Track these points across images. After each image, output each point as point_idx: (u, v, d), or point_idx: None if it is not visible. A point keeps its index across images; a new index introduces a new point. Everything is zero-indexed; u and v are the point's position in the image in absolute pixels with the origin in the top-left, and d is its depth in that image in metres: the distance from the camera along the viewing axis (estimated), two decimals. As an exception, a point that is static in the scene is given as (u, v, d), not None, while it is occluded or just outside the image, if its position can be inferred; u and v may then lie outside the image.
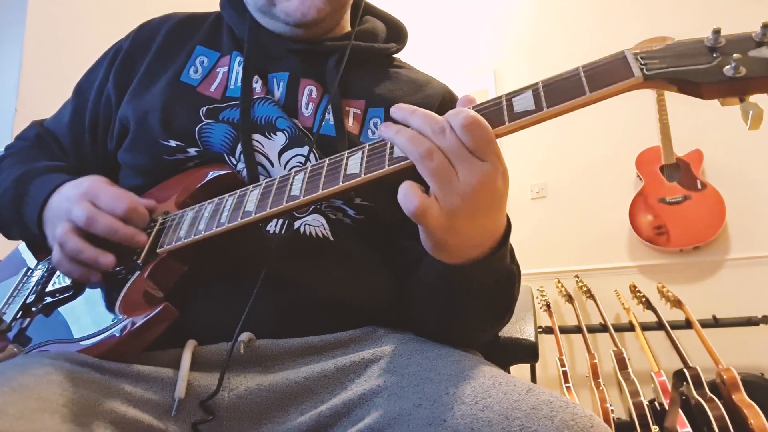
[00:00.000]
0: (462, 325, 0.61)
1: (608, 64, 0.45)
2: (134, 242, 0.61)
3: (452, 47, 3.43)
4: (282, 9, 0.72)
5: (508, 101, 0.48)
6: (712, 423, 1.74)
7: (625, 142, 2.86)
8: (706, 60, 0.43)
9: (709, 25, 0.42)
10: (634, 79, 0.43)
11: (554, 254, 2.92)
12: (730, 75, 0.41)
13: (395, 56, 0.86)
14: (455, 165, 0.46)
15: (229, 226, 0.57)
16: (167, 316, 0.55)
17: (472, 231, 0.49)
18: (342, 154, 0.53)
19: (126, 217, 0.61)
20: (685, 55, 0.44)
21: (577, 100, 0.45)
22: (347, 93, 0.75)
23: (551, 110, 0.46)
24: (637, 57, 0.45)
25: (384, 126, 0.49)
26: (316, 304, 0.62)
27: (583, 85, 0.45)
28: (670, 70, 0.43)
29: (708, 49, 0.43)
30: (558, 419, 0.42)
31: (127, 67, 0.78)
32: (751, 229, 2.58)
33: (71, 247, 0.60)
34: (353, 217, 0.68)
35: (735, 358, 2.23)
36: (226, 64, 0.75)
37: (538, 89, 0.47)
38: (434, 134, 0.46)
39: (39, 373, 0.47)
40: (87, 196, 0.62)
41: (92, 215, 0.59)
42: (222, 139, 0.68)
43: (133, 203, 0.62)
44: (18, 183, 0.71)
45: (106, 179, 0.67)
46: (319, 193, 0.52)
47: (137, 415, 0.49)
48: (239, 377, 0.56)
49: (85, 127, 0.79)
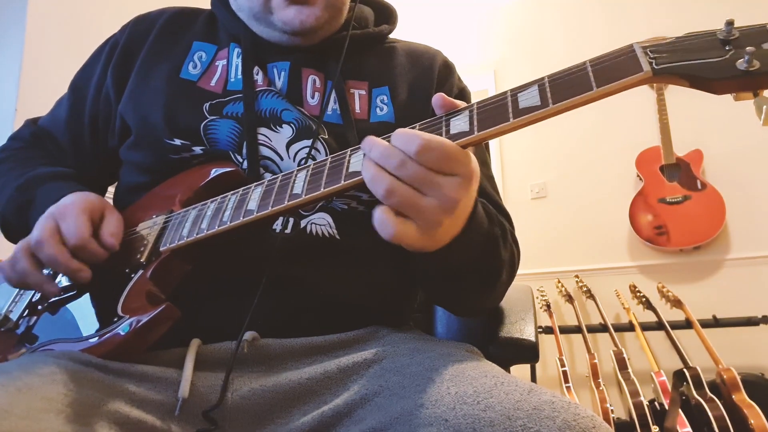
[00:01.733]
0: (462, 296, 0.65)
1: (616, 58, 0.44)
2: (77, 278, 0.60)
3: (452, 47, 3.43)
4: (280, 17, 0.71)
5: (513, 97, 0.47)
6: (712, 423, 1.74)
7: (625, 142, 2.86)
8: (718, 53, 0.41)
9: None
10: (644, 73, 0.42)
11: (554, 254, 2.92)
12: (743, 69, 0.39)
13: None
14: (423, 190, 0.46)
15: (231, 225, 0.57)
16: (169, 315, 0.55)
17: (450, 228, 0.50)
18: (345, 152, 0.53)
19: (73, 251, 0.60)
20: (696, 49, 0.42)
21: (584, 96, 0.43)
22: (350, 76, 0.76)
23: (557, 106, 0.44)
24: (646, 50, 0.43)
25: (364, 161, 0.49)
26: (320, 304, 0.62)
27: (590, 80, 0.44)
28: (681, 64, 0.41)
29: (720, 42, 0.41)
30: (560, 419, 0.42)
31: (124, 61, 0.77)
32: (751, 228, 2.58)
33: (20, 268, 0.60)
34: (368, 201, 0.67)
35: (735, 358, 2.23)
36: (224, 57, 0.75)
37: (544, 84, 0.46)
38: (395, 169, 0.46)
39: (43, 372, 0.47)
40: (56, 216, 0.62)
41: (42, 240, 0.59)
42: (228, 136, 0.68)
43: (82, 241, 0.59)
44: (22, 191, 0.70)
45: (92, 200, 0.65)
46: (321, 191, 0.52)
47: (141, 416, 0.49)
48: (242, 378, 0.56)
49: (84, 124, 0.78)
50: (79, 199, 0.64)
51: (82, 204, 0.63)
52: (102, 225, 0.63)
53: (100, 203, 0.66)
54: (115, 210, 0.67)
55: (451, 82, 0.81)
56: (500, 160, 3.19)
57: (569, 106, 0.44)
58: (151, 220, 0.66)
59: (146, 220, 0.67)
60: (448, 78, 0.81)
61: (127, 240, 0.66)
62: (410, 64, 0.80)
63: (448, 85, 0.80)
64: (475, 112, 0.48)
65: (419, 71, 0.79)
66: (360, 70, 0.77)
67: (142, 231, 0.66)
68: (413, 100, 0.76)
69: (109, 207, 0.67)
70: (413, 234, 0.47)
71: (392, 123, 0.73)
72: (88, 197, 0.65)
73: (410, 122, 0.52)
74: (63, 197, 0.65)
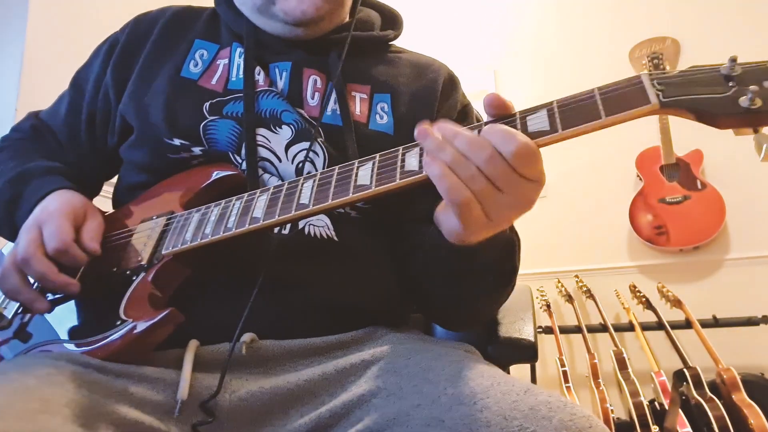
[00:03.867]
0: (470, 298, 0.63)
1: (625, 89, 0.45)
2: (67, 291, 0.60)
3: (452, 47, 3.42)
4: (281, 7, 0.71)
5: (522, 120, 0.47)
6: (712, 423, 1.74)
7: (625, 142, 2.86)
8: (721, 89, 0.42)
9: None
10: (651, 105, 0.43)
11: (554, 254, 2.91)
12: (745, 107, 0.41)
13: (392, 43, 0.86)
14: (503, 189, 0.45)
15: (236, 232, 0.57)
16: (173, 319, 0.55)
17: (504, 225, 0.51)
18: (352, 164, 0.54)
19: (53, 256, 0.60)
20: (700, 83, 0.43)
21: (593, 124, 0.44)
22: (352, 79, 0.75)
23: (566, 132, 0.45)
24: (653, 82, 0.44)
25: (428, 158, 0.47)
26: (318, 305, 0.63)
27: (599, 108, 0.44)
28: (687, 98, 0.42)
29: (724, 78, 0.42)
30: (556, 419, 0.42)
31: (125, 61, 0.77)
32: (750, 228, 2.58)
33: (10, 285, 0.61)
34: (360, 208, 0.68)
35: (735, 358, 2.22)
36: (226, 56, 0.75)
37: (553, 110, 0.46)
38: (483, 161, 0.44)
39: (41, 373, 0.47)
40: (39, 222, 0.62)
41: (27, 257, 0.59)
42: (228, 137, 0.68)
43: (64, 245, 0.60)
44: (13, 184, 0.70)
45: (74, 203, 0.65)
46: (328, 203, 0.52)
47: (139, 417, 0.49)
48: (240, 379, 0.56)
49: (81, 121, 0.79)
50: (62, 202, 0.65)
51: (65, 208, 0.64)
52: (83, 229, 0.64)
53: (83, 205, 0.66)
54: (98, 212, 0.68)
55: (455, 97, 0.80)
56: (500, 160, 3.18)
57: (578, 133, 0.45)
58: (151, 220, 0.66)
59: (146, 219, 0.67)
60: (452, 93, 0.80)
61: (127, 240, 0.66)
62: (414, 75, 0.80)
63: (452, 100, 0.80)
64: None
65: (423, 83, 0.79)
66: (363, 74, 0.76)
67: (143, 231, 0.66)
68: (414, 112, 0.75)
69: (91, 209, 0.67)
70: (479, 215, 0.46)
71: (390, 135, 0.72)
72: (71, 200, 0.66)
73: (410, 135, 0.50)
74: (48, 195, 0.66)
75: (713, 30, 2.62)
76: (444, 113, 0.76)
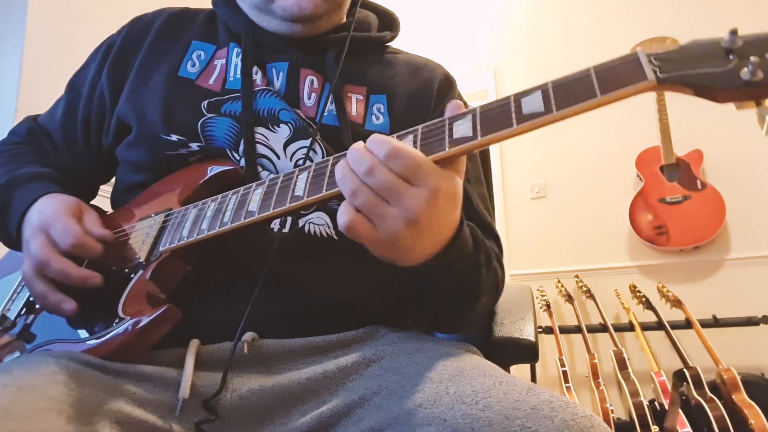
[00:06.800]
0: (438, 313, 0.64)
1: (620, 66, 0.43)
2: (88, 284, 0.60)
3: (451, 47, 3.43)
4: (280, 4, 0.72)
5: (516, 102, 0.46)
6: (712, 423, 1.74)
7: (625, 142, 2.86)
8: (722, 63, 0.41)
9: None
10: (648, 82, 0.42)
11: (554, 254, 2.92)
12: (746, 79, 0.39)
13: (389, 44, 0.86)
14: (387, 198, 0.46)
15: (232, 226, 0.57)
16: (171, 316, 0.55)
17: (417, 245, 0.50)
18: (346, 153, 0.53)
19: (71, 252, 0.60)
20: (699, 57, 0.42)
21: (588, 103, 0.43)
22: (348, 80, 0.76)
23: (561, 113, 0.44)
24: (650, 58, 0.43)
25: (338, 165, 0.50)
26: (319, 304, 0.63)
27: (594, 87, 0.43)
28: (685, 73, 0.41)
29: (724, 51, 0.41)
30: (558, 419, 0.42)
31: (120, 63, 0.77)
32: (751, 228, 2.58)
33: (36, 291, 0.61)
34: None
35: (735, 358, 2.23)
36: (223, 57, 0.75)
37: (548, 90, 0.45)
38: (363, 175, 0.46)
39: (45, 372, 0.47)
40: (43, 227, 0.62)
41: (45, 259, 0.59)
42: (226, 134, 0.68)
43: (79, 239, 0.60)
44: (2, 191, 0.70)
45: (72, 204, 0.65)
46: (322, 194, 0.52)
47: (142, 415, 0.49)
48: (242, 378, 0.56)
49: (77, 122, 0.79)
50: (57, 203, 0.65)
51: (62, 207, 0.64)
52: (85, 222, 0.64)
53: (76, 203, 0.67)
54: (90, 207, 0.69)
55: (451, 97, 0.81)
56: (500, 160, 3.19)
57: (573, 113, 0.44)
58: (149, 218, 0.66)
59: (144, 218, 0.67)
60: (448, 92, 0.81)
61: (126, 239, 0.66)
62: (410, 75, 0.80)
63: (448, 99, 0.80)
64: (479, 117, 0.48)
65: (419, 83, 0.79)
66: (359, 75, 0.77)
67: (141, 230, 0.66)
68: (410, 111, 0.75)
69: (84, 205, 0.68)
70: (368, 232, 0.47)
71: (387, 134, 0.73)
72: (63, 200, 0.66)
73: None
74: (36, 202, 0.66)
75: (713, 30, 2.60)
76: (440, 113, 0.77)
